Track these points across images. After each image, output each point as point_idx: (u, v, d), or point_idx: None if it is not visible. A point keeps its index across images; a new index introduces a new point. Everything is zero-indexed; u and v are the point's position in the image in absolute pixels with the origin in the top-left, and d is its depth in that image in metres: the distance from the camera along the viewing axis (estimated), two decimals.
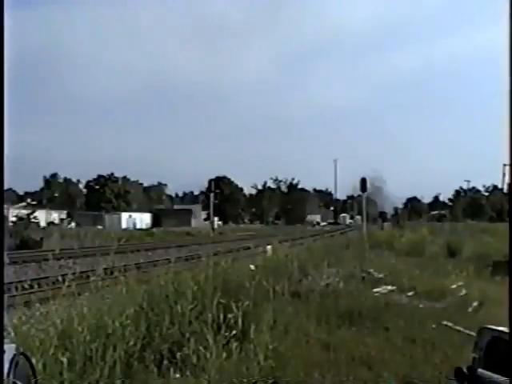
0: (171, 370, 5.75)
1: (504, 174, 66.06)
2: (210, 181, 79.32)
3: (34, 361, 3.16)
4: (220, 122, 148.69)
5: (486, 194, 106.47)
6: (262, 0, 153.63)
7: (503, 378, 2.37)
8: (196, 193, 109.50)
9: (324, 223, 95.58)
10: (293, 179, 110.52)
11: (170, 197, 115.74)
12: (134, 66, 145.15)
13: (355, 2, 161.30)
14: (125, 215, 73.93)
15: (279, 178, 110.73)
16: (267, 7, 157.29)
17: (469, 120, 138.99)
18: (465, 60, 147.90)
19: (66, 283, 6.69)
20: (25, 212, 36.57)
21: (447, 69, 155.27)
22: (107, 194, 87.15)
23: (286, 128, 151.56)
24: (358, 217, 66.56)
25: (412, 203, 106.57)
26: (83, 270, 13.34)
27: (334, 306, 9.24)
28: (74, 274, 6.99)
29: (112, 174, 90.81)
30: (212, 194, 66.73)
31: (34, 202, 74.26)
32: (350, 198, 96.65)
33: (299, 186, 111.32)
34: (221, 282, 8.14)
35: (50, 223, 53.28)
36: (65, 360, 5.06)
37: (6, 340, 1.74)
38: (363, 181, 29.75)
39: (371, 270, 13.70)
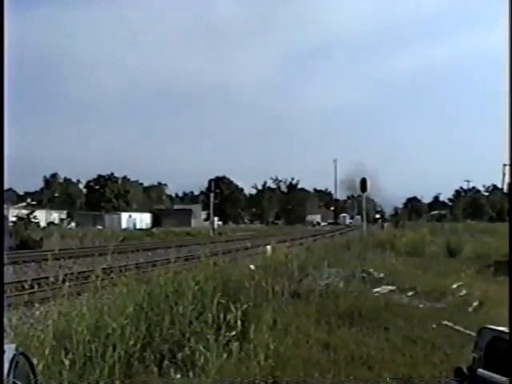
0: (171, 370, 5.75)
1: (504, 174, 66.21)
2: (210, 181, 79.38)
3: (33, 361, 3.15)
4: (220, 122, 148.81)
5: (486, 194, 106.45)
6: (263, 1, 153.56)
7: (503, 378, 2.37)
8: (196, 193, 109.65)
9: (324, 223, 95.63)
10: (293, 179, 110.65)
11: (170, 197, 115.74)
12: (134, 66, 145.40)
13: (356, 4, 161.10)
14: (125, 215, 73.94)
15: (279, 178, 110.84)
16: (268, 8, 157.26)
17: (469, 120, 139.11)
18: (465, 61, 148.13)
19: (66, 283, 6.69)
20: (25, 212, 36.52)
21: (447, 69, 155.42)
22: (107, 194, 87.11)
23: (286, 128, 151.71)
24: (358, 217, 66.61)
25: (412, 203, 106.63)
26: (83, 269, 13.36)
27: (334, 306, 9.24)
28: (71, 274, 6.96)
29: (112, 173, 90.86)
30: (212, 194, 66.74)
31: (33, 202, 74.31)
32: (350, 197, 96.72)
33: (299, 186, 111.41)
34: (221, 281, 8.13)
35: (50, 223, 53.30)
36: (64, 360, 5.06)
37: (5, 340, 1.74)
38: (363, 181, 29.62)
39: (371, 270, 13.69)
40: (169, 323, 6.60)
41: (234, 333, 6.42)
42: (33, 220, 33.97)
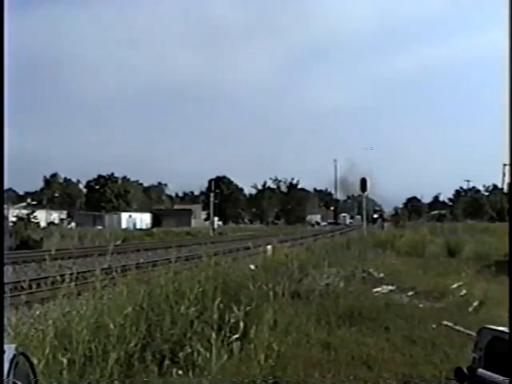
0: (172, 370, 5.74)
1: (504, 174, 66.30)
2: (210, 181, 79.42)
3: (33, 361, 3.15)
4: (220, 122, 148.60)
5: (486, 193, 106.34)
6: (262, 2, 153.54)
7: (503, 378, 2.37)
8: (196, 193, 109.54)
9: (324, 223, 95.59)
10: (293, 179, 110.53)
11: (170, 197, 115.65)
12: (133, 66, 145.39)
13: (355, 4, 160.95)
14: (125, 215, 73.81)
15: (279, 178, 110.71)
16: (267, 9, 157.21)
17: (469, 120, 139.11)
18: (465, 60, 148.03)
19: (66, 283, 6.68)
20: (25, 212, 36.52)
21: (447, 70, 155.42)
22: (107, 193, 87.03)
23: (286, 128, 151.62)
24: (358, 217, 66.66)
25: (412, 203, 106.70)
26: (83, 269, 13.36)
27: (334, 306, 9.24)
28: (71, 274, 6.95)
29: (112, 173, 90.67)
30: (212, 194, 66.73)
31: (34, 202, 74.28)
32: (350, 197, 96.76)
33: (299, 186, 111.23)
34: (221, 281, 8.13)
35: (50, 223, 53.25)
36: (64, 360, 5.06)
37: (5, 340, 1.74)
38: (363, 181, 29.62)
39: (371, 270, 13.70)
40: (169, 323, 6.60)
41: (234, 333, 6.42)
42: (33, 220, 33.98)
